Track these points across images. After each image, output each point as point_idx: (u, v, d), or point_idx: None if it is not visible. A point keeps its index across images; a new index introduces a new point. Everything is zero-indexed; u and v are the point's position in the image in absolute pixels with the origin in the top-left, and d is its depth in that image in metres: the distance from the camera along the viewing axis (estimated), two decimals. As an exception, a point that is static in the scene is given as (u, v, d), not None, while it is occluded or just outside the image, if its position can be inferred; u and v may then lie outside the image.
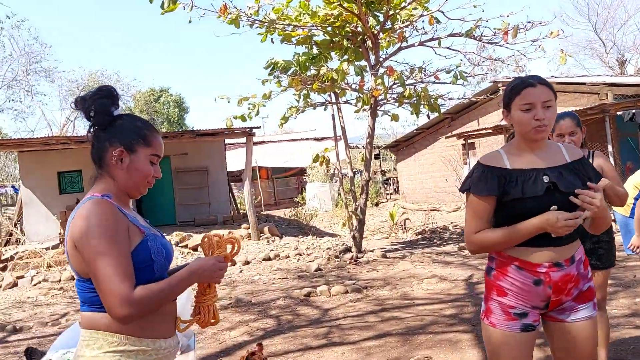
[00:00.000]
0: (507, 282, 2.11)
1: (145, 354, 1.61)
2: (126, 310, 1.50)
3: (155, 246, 1.67)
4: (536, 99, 2.06)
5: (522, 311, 2.10)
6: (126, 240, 1.59)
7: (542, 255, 2.07)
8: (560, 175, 2.08)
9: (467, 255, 9.33)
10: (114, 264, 1.52)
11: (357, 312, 5.99)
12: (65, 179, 15.26)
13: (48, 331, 6.38)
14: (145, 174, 1.73)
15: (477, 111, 16.91)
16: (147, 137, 1.74)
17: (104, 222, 1.56)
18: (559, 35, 8.71)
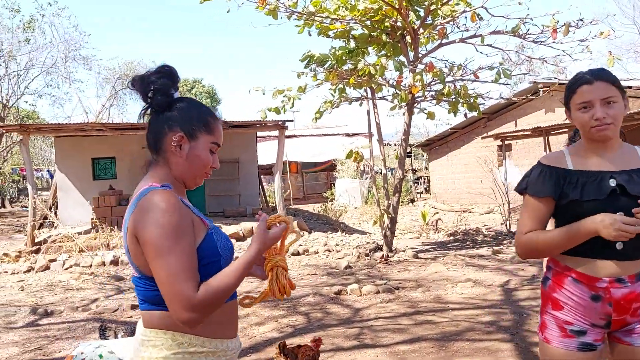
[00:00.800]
0: (563, 295, 1.95)
1: (214, 356, 1.51)
2: (190, 315, 1.37)
3: (221, 240, 1.55)
4: (593, 97, 1.88)
5: (580, 329, 1.92)
6: (191, 235, 1.45)
7: (603, 268, 1.87)
8: (630, 179, 1.87)
9: (502, 259, 9.06)
10: (177, 263, 1.39)
11: (389, 314, 5.83)
12: (99, 166, 15.46)
13: (78, 316, 6.39)
14: (204, 163, 1.59)
15: (515, 112, 16.48)
16: (210, 124, 1.60)
17: (168, 216, 1.42)
18: (609, 35, 8.33)
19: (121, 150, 15.20)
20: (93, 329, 5.78)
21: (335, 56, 9.75)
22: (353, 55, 9.81)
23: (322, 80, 9.57)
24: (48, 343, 5.33)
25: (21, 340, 5.45)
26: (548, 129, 13.22)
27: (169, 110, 1.58)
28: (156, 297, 1.47)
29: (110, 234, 11.81)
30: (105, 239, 11.66)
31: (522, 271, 7.91)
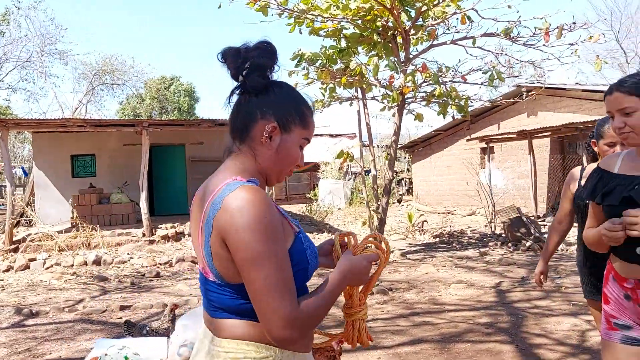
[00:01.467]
0: (608, 290, 2.07)
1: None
2: (290, 333, 1.24)
3: (310, 246, 1.40)
4: (611, 107, 1.96)
5: (625, 323, 1.98)
6: (284, 240, 1.30)
7: (630, 270, 1.93)
8: None
9: (490, 261, 9.11)
10: (277, 274, 1.24)
11: (386, 315, 5.78)
12: (79, 163, 15.11)
13: (65, 317, 6.20)
14: (293, 159, 1.43)
15: (498, 115, 16.64)
16: (306, 117, 1.43)
17: (265, 219, 1.24)
18: (599, 39, 8.44)
19: (101, 147, 14.89)
20: (82, 330, 5.60)
21: (326, 55, 9.68)
22: (344, 54, 9.75)
23: (314, 79, 9.49)
24: (37, 344, 5.13)
25: (8, 342, 5.25)
26: (532, 132, 13.36)
27: (264, 93, 1.39)
28: (240, 306, 1.33)
29: (91, 233, 11.54)
30: (86, 238, 11.39)
31: (512, 273, 7.95)
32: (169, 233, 11.75)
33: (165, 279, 8.60)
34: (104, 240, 11.23)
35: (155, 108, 35.74)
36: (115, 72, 31.59)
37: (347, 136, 22.84)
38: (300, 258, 1.35)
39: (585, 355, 4.29)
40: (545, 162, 15.21)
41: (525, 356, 4.35)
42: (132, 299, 7.07)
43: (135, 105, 34.64)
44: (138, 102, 34.78)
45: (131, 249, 10.98)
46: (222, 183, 1.32)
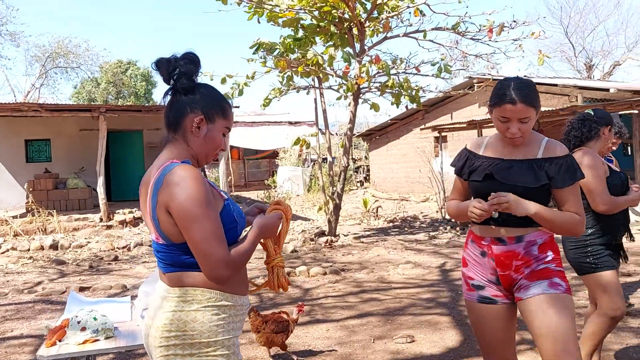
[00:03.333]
0: (466, 253, 2.39)
1: (235, 309, 1.72)
2: (225, 272, 1.60)
3: (235, 208, 1.75)
4: (513, 116, 2.18)
5: (479, 283, 2.31)
6: (215, 205, 1.66)
7: (486, 230, 2.29)
8: (510, 168, 2.24)
9: (438, 244, 9.62)
10: (211, 228, 1.59)
11: (337, 293, 6.16)
12: (33, 147, 14.90)
13: (25, 298, 6.31)
14: (217, 145, 1.78)
15: (451, 105, 17.23)
16: (226, 110, 1.78)
17: (197, 188, 1.60)
18: (540, 36, 8.99)
19: (57, 132, 14.71)
20: (43, 310, 5.76)
21: (283, 44, 9.92)
22: (301, 44, 10.01)
23: (272, 67, 9.72)
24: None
25: (-33, 322, 5.36)
26: (482, 123, 13.98)
27: (192, 93, 1.74)
28: (185, 260, 1.67)
29: (47, 218, 11.49)
30: (42, 223, 11.34)
31: (457, 255, 8.46)
32: (127, 218, 11.82)
33: (123, 262, 8.75)
34: (61, 225, 11.22)
35: (111, 93, 34.99)
36: (69, 55, 30.80)
37: (307, 124, 23.11)
38: (229, 219, 1.71)
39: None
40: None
41: (460, 326, 4.79)
42: (91, 281, 7.22)
43: (90, 90, 33.85)
44: (93, 86, 34.00)
45: (88, 233, 11.02)
46: (162, 165, 1.67)
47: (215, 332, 1.65)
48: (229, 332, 1.70)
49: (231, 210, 1.73)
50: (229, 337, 1.69)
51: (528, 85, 2.23)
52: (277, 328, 3.81)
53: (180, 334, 1.63)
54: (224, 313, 1.69)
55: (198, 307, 1.65)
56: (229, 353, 1.68)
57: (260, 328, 3.83)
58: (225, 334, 1.68)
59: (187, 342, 1.63)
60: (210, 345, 1.65)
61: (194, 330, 1.63)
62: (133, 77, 40.38)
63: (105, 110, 12.06)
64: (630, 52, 29.89)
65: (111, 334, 2.34)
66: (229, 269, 1.61)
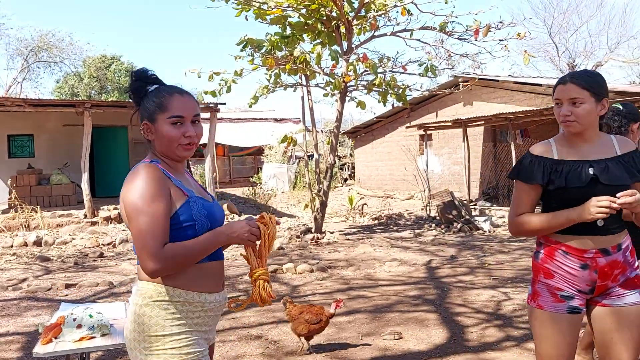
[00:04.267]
0: (554, 265, 2.21)
1: (191, 305, 1.75)
2: (153, 265, 1.63)
3: (197, 207, 1.77)
4: (562, 96, 2.17)
5: (569, 294, 2.20)
6: (165, 201, 1.70)
7: (589, 242, 2.17)
8: (605, 168, 2.17)
9: (423, 241, 9.72)
10: (148, 221, 1.64)
11: (324, 290, 6.20)
12: (16, 143, 14.70)
13: (10, 295, 6.26)
14: (169, 138, 1.79)
15: (436, 104, 17.36)
16: (163, 103, 1.81)
17: (143, 184, 1.68)
18: (525, 37, 9.11)
19: (40, 127, 14.53)
20: (28, 307, 5.72)
21: (271, 42, 9.92)
22: (288, 41, 10.03)
23: (259, 65, 9.72)
24: (-18, 321, 5.23)
25: (-48, 319, 5.31)
26: (466, 121, 14.12)
27: (140, 106, 1.87)
28: None
29: (30, 214, 11.36)
30: (25, 219, 11.22)
31: (442, 252, 8.57)
32: (112, 214, 11.74)
33: (109, 259, 8.70)
34: (45, 222, 11.10)
35: (94, 88, 34.62)
36: (52, 49, 30.38)
37: (293, 121, 23.12)
38: (187, 217, 1.75)
39: (498, 321, 4.86)
40: (478, 150, 16.07)
41: (446, 322, 4.87)
42: (76, 277, 7.17)
43: (73, 84, 33.46)
44: (76, 81, 33.60)
45: (73, 230, 10.92)
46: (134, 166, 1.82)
47: (163, 327, 1.70)
48: (182, 327, 1.72)
49: (190, 209, 1.76)
50: (180, 332, 1.72)
51: (587, 72, 2.23)
52: (312, 319, 3.97)
53: (135, 328, 1.72)
54: (175, 309, 1.72)
55: (148, 302, 1.72)
56: (181, 346, 1.71)
57: (295, 317, 4.01)
58: (176, 328, 1.71)
59: (141, 336, 1.71)
60: (159, 339, 1.69)
61: (144, 324, 1.70)
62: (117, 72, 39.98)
63: (90, 106, 11.95)
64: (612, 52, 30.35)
65: (107, 330, 2.36)
66: (157, 263, 1.63)
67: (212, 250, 1.77)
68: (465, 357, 4.00)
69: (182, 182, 1.83)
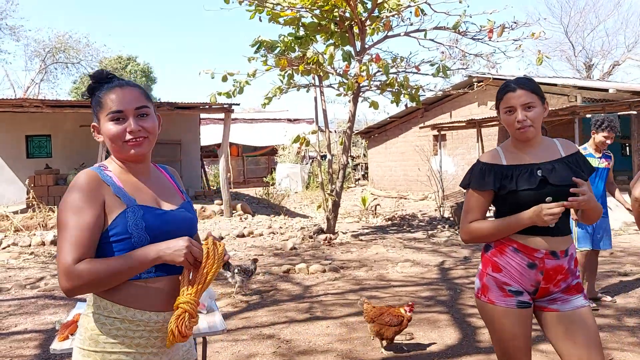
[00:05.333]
0: (503, 260, 2.27)
1: (132, 323, 1.61)
2: (65, 282, 1.50)
3: (134, 218, 1.60)
4: (515, 103, 2.23)
5: (517, 289, 2.25)
6: (92, 212, 1.57)
7: (541, 242, 2.23)
8: (553, 169, 2.25)
9: (437, 242, 9.69)
10: (67, 235, 1.53)
11: (337, 290, 6.23)
12: (34, 143, 14.93)
13: (27, 294, 6.37)
14: (111, 135, 1.67)
15: (450, 104, 17.30)
16: (100, 101, 1.69)
17: (70, 194, 1.58)
18: (540, 37, 9.05)
19: (57, 128, 14.74)
20: (46, 305, 5.82)
21: (284, 43, 9.97)
22: (302, 42, 10.07)
23: (272, 65, 9.77)
24: (1, 319, 5.33)
25: (-29, 317, 5.42)
26: (481, 122, 14.05)
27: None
28: None
29: (47, 214, 11.54)
30: (42, 219, 11.39)
31: (455, 253, 8.54)
32: (127, 214, 11.86)
33: (124, 258, 8.80)
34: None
35: (109, 88, 35.02)
36: (69, 50, 30.79)
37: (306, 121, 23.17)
38: (121, 229, 1.59)
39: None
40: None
41: (458, 324, 4.87)
42: (92, 276, 7.27)
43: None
44: (93, 82, 34.01)
45: (89, 229, 11.06)
46: None
47: (96, 342, 1.59)
48: (115, 347, 1.59)
49: (126, 220, 1.60)
50: (112, 352, 1.59)
51: (526, 77, 2.34)
52: (392, 321, 4.03)
53: (78, 334, 1.66)
54: (112, 325, 1.59)
55: (88, 312, 1.63)
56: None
57: (375, 319, 4.06)
58: (109, 347, 1.59)
59: (77, 346, 1.63)
60: (90, 354, 1.58)
61: (81, 335, 1.62)
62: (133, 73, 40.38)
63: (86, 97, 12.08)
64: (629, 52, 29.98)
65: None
66: (68, 281, 1.49)
67: (141, 269, 1.58)
68: (476, 358, 4.00)
69: (125, 188, 1.66)
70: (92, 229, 1.55)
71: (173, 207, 1.74)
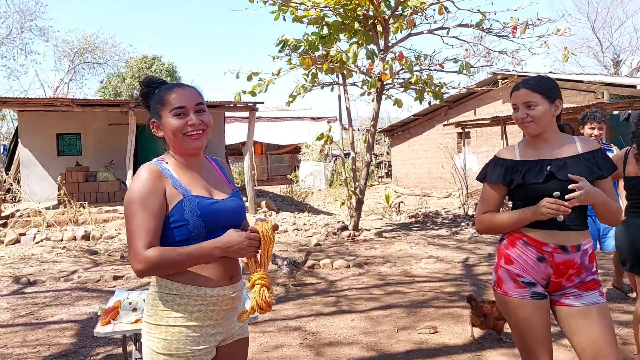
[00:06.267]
0: (514, 252, 2.36)
1: (190, 299, 1.81)
2: (136, 266, 1.71)
3: (190, 207, 1.81)
4: (517, 100, 2.36)
5: (530, 280, 2.32)
6: (157, 202, 1.77)
7: (550, 236, 2.30)
8: (563, 165, 2.30)
9: (461, 239, 9.70)
10: (136, 224, 1.74)
11: (361, 285, 6.32)
12: (64, 141, 15.31)
13: (62, 286, 6.61)
14: (174, 129, 1.87)
15: (474, 101, 17.21)
16: (162, 99, 1.90)
17: (136, 185, 1.78)
18: (565, 33, 8.98)
19: (87, 126, 15.10)
20: (80, 297, 6.03)
21: (308, 42, 10.07)
22: (325, 41, 10.15)
23: (297, 64, 9.88)
24: (38, 309, 5.56)
25: (10, 306, 5.66)
26: (506, 119, 13.96)
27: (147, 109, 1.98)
28: None
29: (78, 210, 11.86)
30: (73, 215, 11.71)
31: (480, 250, 8.55)
32: (155, 211, 12.12)
33: (153, 253, 9.02)
34: (92, 217, 11.57)
35: (136, 88, 35.57)
36: (96, 50, 31.42)
37: (329, 119, 23.25)
38: (179, 217, 1.80)
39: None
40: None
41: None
42: (123, 270, 7.48)
43: (116, 85, 34.48)
44: (119, 81, 34.60)
45: (118, 225, 11.34)
46: None
47: (160, 317, 1.79)
48: (178, 321, 1.78)
49: (183, 209, 1.80)
50: (175, 326, 1.78)
51: (540, 77, 2.40)
52: (500, 315, 4.16)
53: (145, 312, 1.86)
54: (173, 301, 1.79)
55: (152, 291, 1.84)
56: (172, 339, 1.78)
57: (489, 313, 4.24)
58: (172, 321, 1.78)
59: (145, 321, 1.84)
60: (156, 328, 1.79)
61: (148, 312, 1.83)
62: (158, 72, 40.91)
63: (134, 106, 12.37)
64: (658, 47, 29.33)
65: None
66: (140, 264, 1.71)
67: (204, 262, 1.80)
68: (500, 352, 4.06)
69: (181, 180, 1.86)
70: (157, 217, 1.76)
71: (224, 196, 1.93)
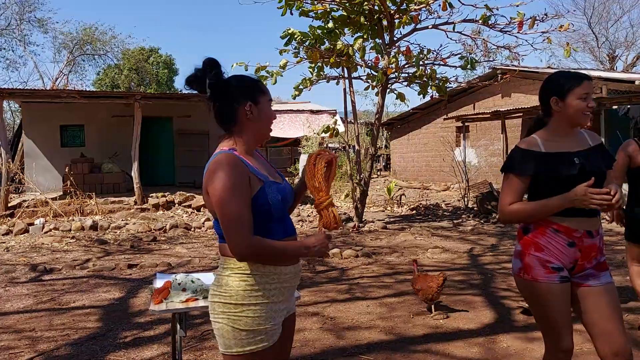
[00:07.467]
0: (544, 240, 2.45)
1: (268, 277, 1.94)
2: (242, 250, 1.84)
3: (271, 192, 1.94)
4: (590, 90, 2.49)
5: (558, 266, 2.46)
6: (246, 189, 1.87)
7: (579, 223, 2.44)
8: (587, 157, 2.46)
9: (463, 231, 9.90)
10: (235, 211, 1.82)
11: (372, 274, 6.50)
12: (68, 133, 15.40)
13: (78, 273, 6.75)
14: (272, 117, 2.03)
15: (474, 95, 17.40)
16: (261, 88, 2.02)
17: (226, 176, 1.83)
18: (569, 29, 9.15)
19: (90, 118, 15.18)
20: (98, 284, 6.18)
21: (314, 35, 10.18)
22: (331, 35, 10.27)
23: (303, 57, 10.01)
24: (59, 295, 5.70)
25: (32, 293, 5.80)
26: (505, 113, 14.16)
27: (229, 91, 1.97)
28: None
29: (84, 200, 11.97)
30: (79, 205, 11.83)
31: (483, 241, 8.75)
32: (160, 202, 12.26)
33: (162, 243, 9.17)
34: (98, 208, 11.69)
35: (133, 80, 35.53)
36: (95, 42, 31.34)
37: (328, 113, 23.38)
38: (263, 201, 1.92)
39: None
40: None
41: (493, 305, 5.10)
42: (136, 259, 7.63)
43: (113, 77, 34.42)
44: (116, 73, 34.55)
45: (124, 215, 11.47)
46: (213, 154, 1.97)
47: (242, 297, 1.88)
48: (259, 299, 1.90)
49: (266, 194, 1.92)
50: (257, 304, 1.90)
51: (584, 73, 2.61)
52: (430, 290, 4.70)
53: (219, 294, 1.93)
54: (254, 280, 1.91)
55: (230, 274, 1.93)
56: (255, 316, 1.90)
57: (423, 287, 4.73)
58: (253, 299, 1.89)
59: (222, 302, 1.91)
60: (238, 307, 1.89)
61: (226, 293, 1.90)
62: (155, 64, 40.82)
63: (140, 98, 12.47)
64: (654, 43, 29.60)
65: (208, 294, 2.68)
66: (246, 249, 1.84)
67: (293, 259, 1.99)
68: (514, 335, 4.24)
69: (256, 167, 1.97)
70: (249, 205, 1.87)
71: (280, 181, 2.05)
